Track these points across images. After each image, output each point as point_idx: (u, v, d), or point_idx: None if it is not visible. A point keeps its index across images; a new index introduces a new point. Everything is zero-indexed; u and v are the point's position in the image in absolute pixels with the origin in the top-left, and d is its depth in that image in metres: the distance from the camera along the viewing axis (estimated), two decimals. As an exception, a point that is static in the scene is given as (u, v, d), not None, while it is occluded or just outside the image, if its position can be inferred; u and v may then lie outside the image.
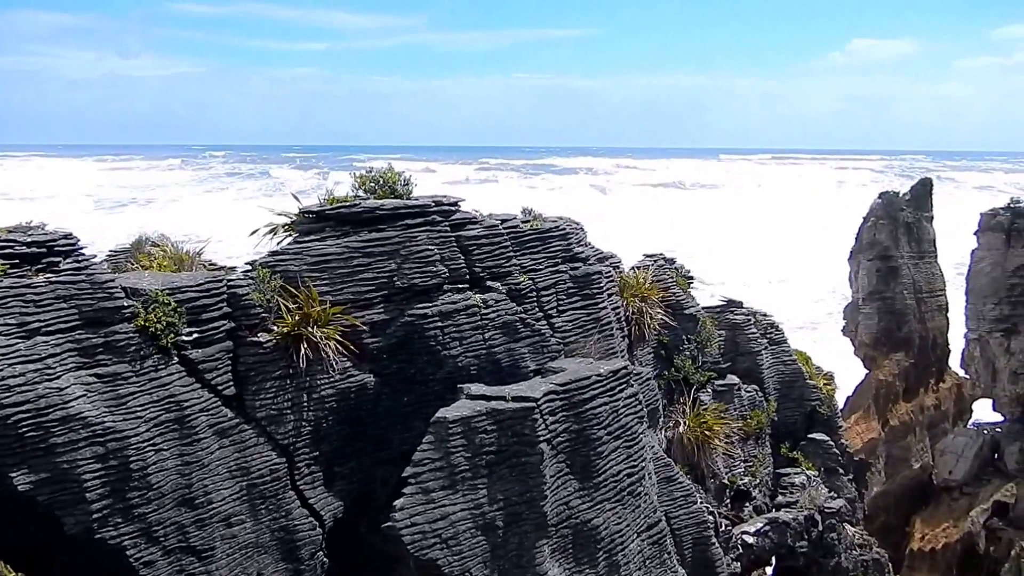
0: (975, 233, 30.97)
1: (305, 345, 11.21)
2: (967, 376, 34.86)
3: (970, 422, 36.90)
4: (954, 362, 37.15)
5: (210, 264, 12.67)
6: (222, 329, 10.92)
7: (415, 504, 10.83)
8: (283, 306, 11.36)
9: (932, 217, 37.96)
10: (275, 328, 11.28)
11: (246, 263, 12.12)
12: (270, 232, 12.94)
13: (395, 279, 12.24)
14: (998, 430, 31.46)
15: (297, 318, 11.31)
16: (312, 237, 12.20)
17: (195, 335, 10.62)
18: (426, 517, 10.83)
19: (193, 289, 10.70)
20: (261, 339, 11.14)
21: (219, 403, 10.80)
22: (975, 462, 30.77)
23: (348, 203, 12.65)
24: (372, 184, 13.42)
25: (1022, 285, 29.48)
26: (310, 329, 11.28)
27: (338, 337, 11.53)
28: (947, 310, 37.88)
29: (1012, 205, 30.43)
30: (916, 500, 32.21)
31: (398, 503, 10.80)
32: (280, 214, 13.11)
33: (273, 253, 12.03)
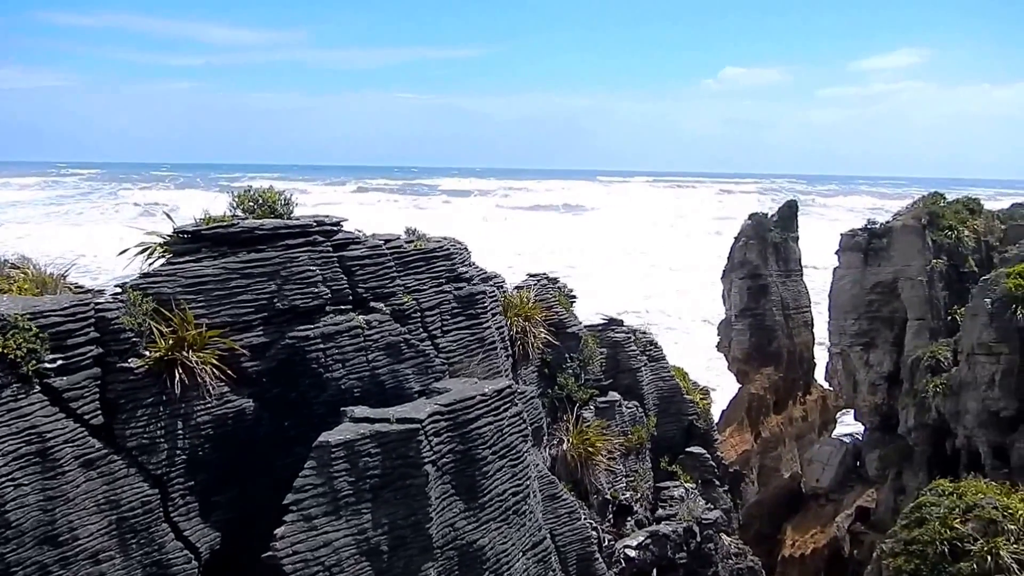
0: (836, 253, 32.86)
1: (180, 370, 10.79)
2: (831, 388, 36.81)
3: (834, 432, 39.04)
4: (819, 375, 39.21)
5: (76, 287, 12.01)
6: (89, 355, 10.38)
7: (296, 532, 10.57)
8: (156, 330, 10.92)
9: (797, 237, 40.04)
10: (147, 353, 10.82)
11: (116, 285, 11.58)
12: (142, 253, 12.39)
13: (275, 301, 11.97)
14: (859, 439, 33.42)
15: (171, 342, 10.88)
16: (187, 258, 11.79)
17: (59, 362, 10.04)
18: (308, 545, 10.58)
19: (57, 313, 10.13)
20: (132, 365, 10.66)
21: (86, 433, 10.23)
22: (840, 470, 32.55)
23: (226, 223, 12.30)
24: (251, 203, 13.11)
25: (879, 301, 31.45)
26: (185, 353, 10.87)
27: (215, 361, 11.16)
28: (812, 326, 40.00)
29: (868, 227, 32.41)
30: (787, 508, 33.69)
31: (278, 531, 10.51)
32: (152, 234, 12.60)
33: (145, 275, 11.55)
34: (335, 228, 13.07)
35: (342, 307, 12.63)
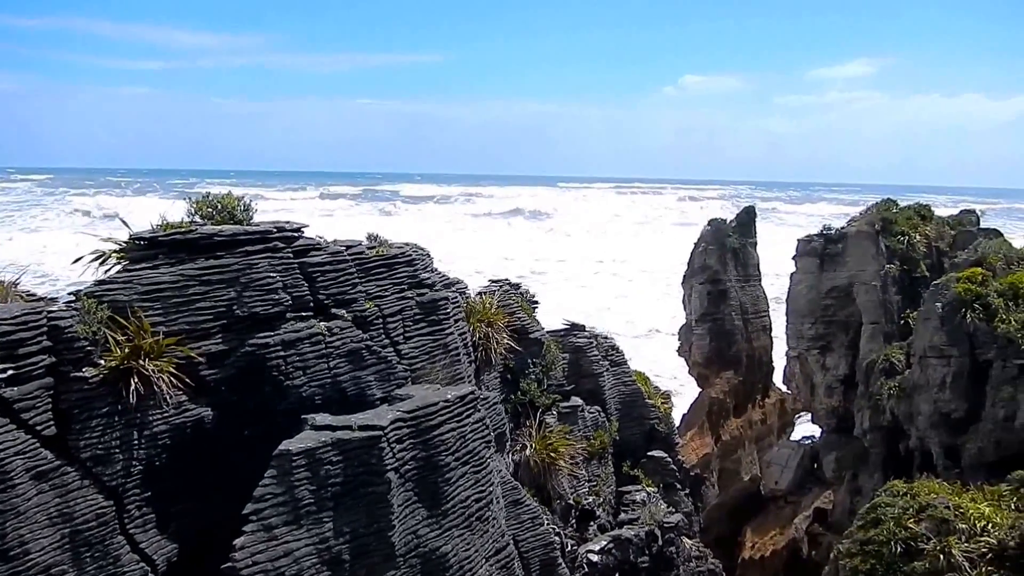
0: (793, 258, 33.38)
1: (136, 379, 10.60)
2: (789, 391, 37.35)
3: (792, 435, 39.60)
4: (778, 378, 39.75)
5: (28, 295, 11.75)
6: (41, 364, 10.15)
7: (256, 542, 10.43)
8: (111, 338, 10.71)
9: (756, 243, 40.57)
10: (102, 362, 10.61)
11: (70, 293, 11.34)
12: (96, 260, 12.16)
13: (234, 308, 11.83)
14: (817, 441, 33.92)
15: (127, 351, 10.69)
16: (144, 265, 11.60)
17: (10, 372, 9.80)
18: (268, 555, 10.45)
19: (8, 322, 9.89)
20: (86, 374, 10.45)
21: (38, 445, 10.00)
22: (798, 472, 33.02)
23: (184, 229, 12.14)
24: (210, 209, 12.95)
25: (835, 306, 32.00)
26: (141, 362, 10.69)
27: (172, 370, 10.99)
28: (770, 330, 40.55)
29: (824, 232, 32.99)
30: (747, 511, 34.09)
31: (238, 542, 10.36)
32: (108, 240, 12.38)
33: (100, 282, 11.33)
34: (296, 234, 12.96)
35: (303, 314, 12.52)
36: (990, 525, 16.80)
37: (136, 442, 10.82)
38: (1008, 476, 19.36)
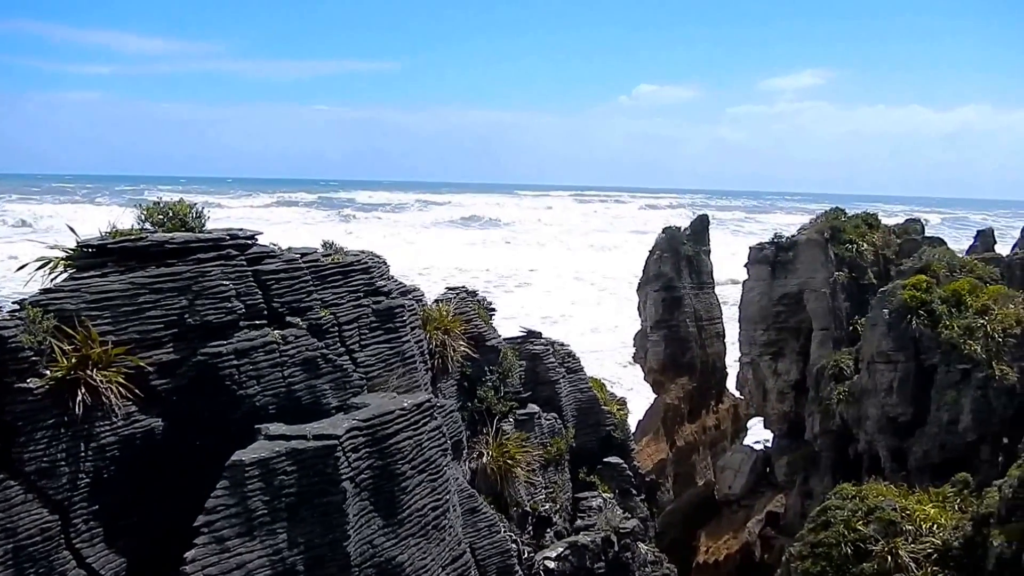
0: (745, 265, 33.91)
1: (83, 390, 10.36)
2: (742, 397, 37.88)
3: (745, 440, 40.16)
4: (731, 384, 40.31)
5: (-31, 304, 11.43)
6: (-16, 375, 9.88)
7: (208, 554, 10.26)
8: (57, 348, 10.47)
9: (709, 251, 41.17)
10: (48, 373, 10.35)
11: (14, 302, 11.05)
12: (42, 268, 11.88)
13: (186, 316, 11.64)
14: (769, 446, 34.47)
15: (74, 361, 10.45)
16: (92, 273, 11.36)
17: (-50, 383, 9.53)
18: (220, 567, 10.28)
19: (-52, 331, 9.62)
20: (31, 385, 10.18)
21: (-21, 458, 9.73)
22: (751, 477, 33.50)
23: (134, 236, 11.92)
24: (161, 216, 12.73)
25: (786, 312, 32.59)
26: (89, 372, 10.45)
27: (122, 380, 10.77)
28: (724, 336, 41.12)
29: (776, 240, 33.58)
30: (701, 515, 34.46)
31: (189, 555, 10.18)
32: (54, 248, 12.09)
33: (46, 291, 11.07)
34: (249, 241, 12.80)
35: (257, 322, 12.36)
36: (935, 526, 17.26)
37: (83, 454, 10.57)
38: (952, 478, 19.90)
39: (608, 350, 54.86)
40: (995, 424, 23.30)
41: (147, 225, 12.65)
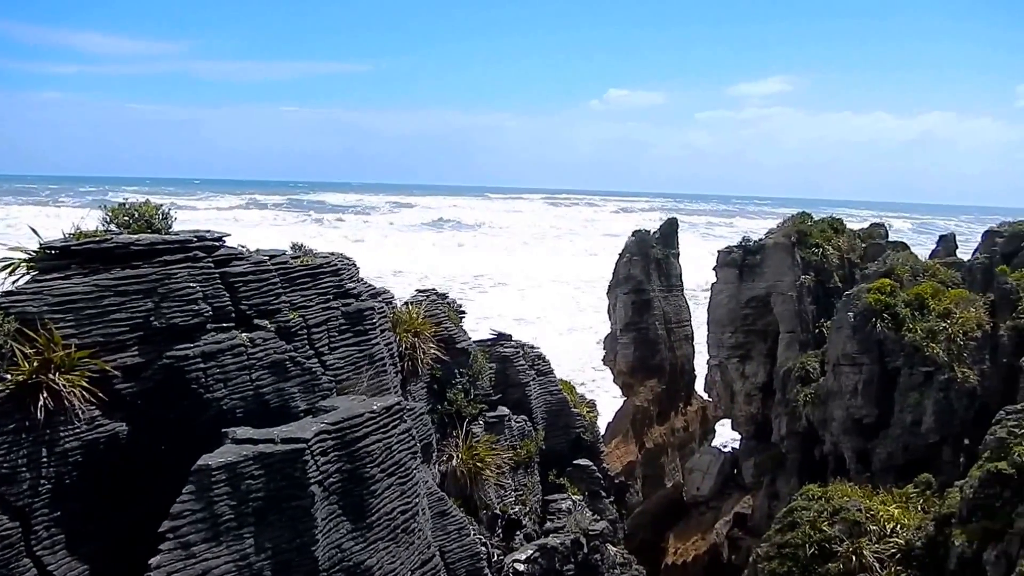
0: (714, 269, 34.21)
1: (45, 394, 10.18)
2: (710, 399, 38.19)
3: (713, 441, 40.50)
4: (700, 387, 40.63)
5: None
6: (-58, 379, 9.67)
7: (173, 560, 10.12)
8: (18, 352, 10.28)
9: (678, 254, 41.50)
10: (9, 376, 10.16)
11: (-27, 305, 10.84)
12: (3, 270, 11.66)
13: (152, 319, 11.49)
14: (736, 447, 34.79)
15: (36, 364, 10.26)
16: (55, 275, 11.17)
17: (-93, 387, 9.32)
18: (185, 573, 10.14)
19: (-95, 334, 9.41)
20: (-9, 389, 9.99)
21: (-63, 463, 9.52)
22: (718, 478, 33.79)
23: (98, 238, 11.74)
24: (126, 218, 12.56)
25: (753, 315, 32.94)
26: (51, 376, 10.27)
27: (85, 384, 10.59)
28: (693, 339, 41.43)
29: (743, 244, 33.94)
30: (670, 517, 34.70)
31: (153, 560, 10.03)
32: (16, 249, 11.87)
33: (7, 293, 10.87)
34: (217, 243, 12.67)
35: (224, 325, 12.24)
36: (899, 526, 17.54)
37: (45, 460, 10.38)
38: (915, 479, 20.24)
39: (582, 352, 55.01)
40: (956, 426, 23.76)
41: (112, 227, 12.48)
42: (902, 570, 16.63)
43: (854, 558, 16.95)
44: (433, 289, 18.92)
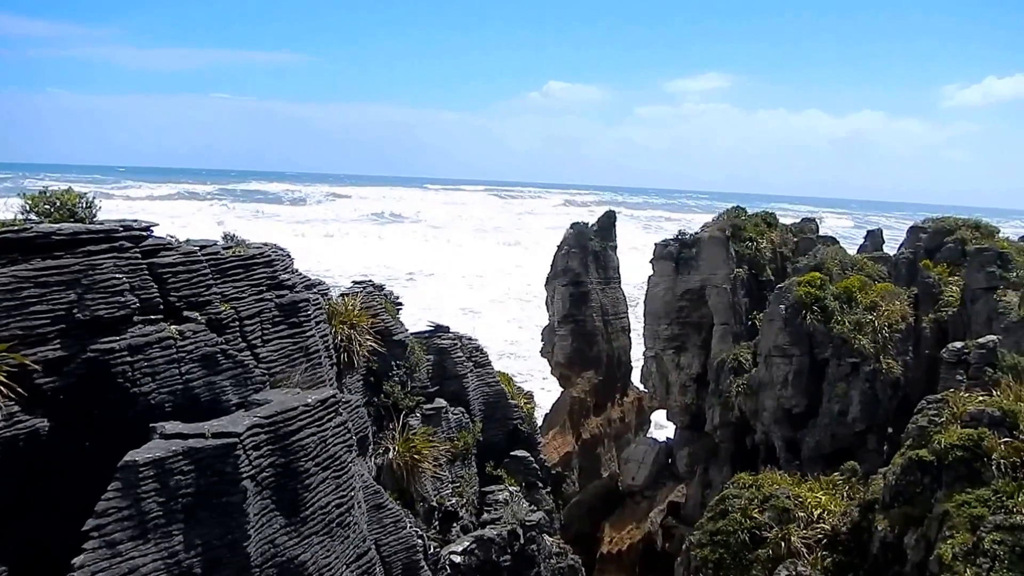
0: (650, 261, 34.63)
1: (-40, 389, 9.77)
2: (646, 390, 38.70)
3: (649, 432, 41.09)
4: (636, 378, 41.14)
5: None
6: None
7: (98, 559, 9.82)
8: (-69, 345, 9.83)
9: (616, 246, 41.89)
10: (-80, 370, 9.72)
11: None
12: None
13: (75, 311, 11.10)
14: (671, 438, 35.35)
15: (-50, 358, 9.84)
16: (-30, 265, 10.70)
17: None
18: (111, 572, 9.85)
19: None
20: (-99, 384, 9.54)
21: None
22: (653, 468, 34.29)
23: (16, 227, 11.28)
24: (47, 206, 12.11)
25: (689, 307, 33.43)
26: (-33, 370, 9.86)
27: (3, 379, 10.19)
28: (629, 331, 41.91)
29: (680, 237, 34.40)
30: (605, 507, 35.09)
31: (77, 560, 9.72)
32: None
33: (-82, 283, 10.37)
34: (144, 233, 12.30)
35: (152, 317, 11.90)
36: (825, 513, 18.06)
37: (-40, 457, 9.96)
38: (841, 466, 20.86)
39: (524, 344, 55.18)
40: (881, 415, 24.59)
41: (32, 216, 12.02)
42: (828, 555, 17.14)
43: (783, 544, 17.41)
44: (369, 280, 18.75)
